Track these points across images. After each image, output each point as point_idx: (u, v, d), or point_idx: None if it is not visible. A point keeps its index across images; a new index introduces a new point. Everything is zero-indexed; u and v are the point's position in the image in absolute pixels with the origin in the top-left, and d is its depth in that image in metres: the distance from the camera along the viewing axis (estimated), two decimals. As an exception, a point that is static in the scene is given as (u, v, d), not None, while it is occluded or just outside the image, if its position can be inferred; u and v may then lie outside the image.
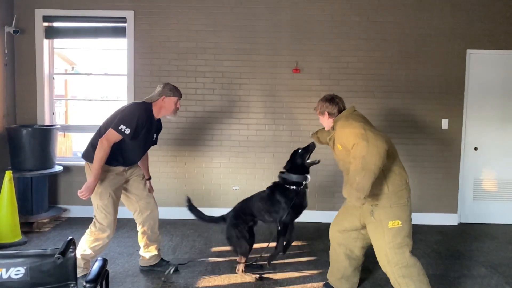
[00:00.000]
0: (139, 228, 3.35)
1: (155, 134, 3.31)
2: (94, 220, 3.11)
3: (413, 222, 2.78)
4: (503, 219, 4.91)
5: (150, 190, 3.45)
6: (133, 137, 3.01)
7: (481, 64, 4.82)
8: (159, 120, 3.30)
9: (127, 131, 2.95)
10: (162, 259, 3.46)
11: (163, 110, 3.18)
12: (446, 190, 4.90)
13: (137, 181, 3.30)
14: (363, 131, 2.60)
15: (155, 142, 3.37)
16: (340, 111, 2.89)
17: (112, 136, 2.95)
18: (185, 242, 4.11)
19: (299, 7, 4.75)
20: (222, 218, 3.50)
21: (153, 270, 3.40)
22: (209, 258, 3.68)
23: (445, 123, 4.83)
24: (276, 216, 3.26)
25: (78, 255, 3.11)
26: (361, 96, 4.80)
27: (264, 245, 3.46)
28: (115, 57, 5.55)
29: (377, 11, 4.76)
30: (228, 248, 3.91)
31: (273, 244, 3.33)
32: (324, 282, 3.20)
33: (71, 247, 1.80)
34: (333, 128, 2.88)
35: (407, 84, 4.78)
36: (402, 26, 4.77)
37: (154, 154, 4.84)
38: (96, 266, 1.86)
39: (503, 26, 4.76)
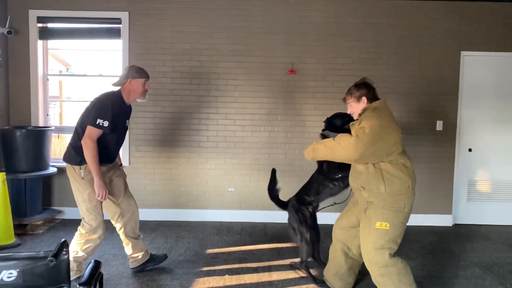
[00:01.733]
0: (121, 232, 3.31)
1: (127, 120, 3.29)
2: (82, 222, 3.07)
3: (408, 223, 2.78)
4: (497, 220, 4.93)
5: (124, 176, 3.44)
6: (112, 129, 2.99)
7: (475, 66, 4.85)
8: (130, 105, 3.27)
9: (106, 123, 2.92)
10: (151, 253, 3.46)
11: (132, 94, 3.15)
12: (440, 191, 4.92)
13: (118, 181, 3.28)
14: (376, 122, 2.60)
15: (127, 128, 3.35)
16: (375, 97, 2.81)
17: (93, 132, 2.92)
18: (180, 244, 4.10)
19: (294, 9, 4.76)
20: (283, 204, 3.42)
21: (145, 268, 3.40)
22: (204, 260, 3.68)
23: (439, 125, 4.86)
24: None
25: (70, 258, 3.09)
26: (356, 98, 4.80)
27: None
28: (110, 59, 5.53)
29: (372, 13, 4.77)
30: (223, 250, 3.93)
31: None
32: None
33: (64, 249, 1.79)
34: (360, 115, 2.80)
35: (402, 85, 4.80)
36: (396, 28, 4.79)
37: (148, 156, 4.85)
38: (89, 268, 1.85)
39: (496, 28, 4.79)
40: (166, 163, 4.85)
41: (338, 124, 3.17)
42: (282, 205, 3.42)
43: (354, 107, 2.84)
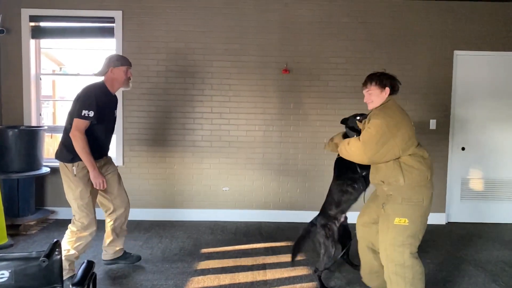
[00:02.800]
0: (109, 224, 3.34)
1: (115, 111, 3.30)
2: (73, 220, 3.08)
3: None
4: (490, 218, 4.97)
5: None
6: (99, 119, 2.99)
7: (468, 65, 4.88)
8: (115, 95, 3.28)
9: (91, 114, 2.92)
10: (125, 251, 3.47)
11: (116, 83, 3.15)
12: (434, 189, 4.92)
13: (112, 179, 3.29)
14: (383, 121, 2.56)
15: (115, 119, 3.35)
16: (396, 92, 2.75)
17: (80, 124, 2.92)
18: (174, 243, 4.08)
19: (288, 8, 4.76)
20: (312, 224, 3.23)
21: (116, 263, 3.43)
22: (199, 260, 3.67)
23: (433, 123, 4.88)
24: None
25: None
26: (350, 97, 4.82)
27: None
28: (104, 58, 5.48)
29: (365, 12, 4.79)
30: (217, 249, 3.93)
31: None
32: (314, 283, 3.21)
33: (57, 249, 1.78)
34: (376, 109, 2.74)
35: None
36: (390, 28, 4.81)
37: (142, 155, 4.83)
38: (82, 269, 1.84)
39: (489, 28, 4.82)
40: (160, 163, 4.84)
41: (350, 125, 3.12)
42: (308, 232, 3.23)
43: (374, 96, 2.72)
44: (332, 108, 4.85)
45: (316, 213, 4.19)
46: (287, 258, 3.73)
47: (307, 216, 4.83)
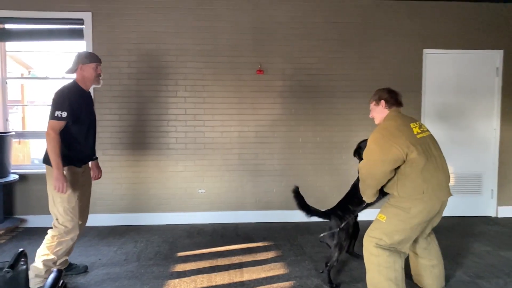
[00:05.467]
0: None
1: (92, 108, 3.27)
2: (55, 224, 3.04)
3: (365, 218, 2.83)
4: (457, 211, 5.08)
5: (98, 173, 3.44)
6: (75, 119, 2.96)
7: (437, 63, 5.01)
8: (89, 92, 3.24)
9: (64, 114, 2.89)
10: (70, 262, 3.39)
11: (87, 80, 3.12)
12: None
13: (87, 191, 3.29)
14: (379, 135, 2.71)
15: (95, 120, 3.30)
16: (398, 102, 2.89)
17: (54, 125, 2.89)
18: (149, 248, 4.02)
19: (260, 9, 4.77)
20: (325, 213, 3.30)
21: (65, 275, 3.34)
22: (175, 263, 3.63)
23: (404, 121, 4.97)
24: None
25: (39, 263, 3.02)
26: (323, 96, 4.87)
27: None
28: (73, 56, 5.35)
29: (336, 12, 4.85)
30: (194, 252, 3.89)
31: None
32: (291, 282, 3.23)
33: (22, 259, 1.72)
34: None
35: (367, 83, 4.88)
36: (361, 27, 4.88)
37: (115, 160, 4.73)
38: (51, 279, 1.78)
39: (456, 27, 4.96)
40: (134, 167, 4.76)
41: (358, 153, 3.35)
42: (323, 215, 3.29)
43: (374, 111, 2.95)
44: (306, 108, 4.89)
45: (293, 211, 4.22)
46: (264, 258, 3.73)
47: (284, 215, 4.89)
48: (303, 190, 3.32)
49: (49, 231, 3.05)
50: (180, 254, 3.86)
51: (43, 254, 2.99)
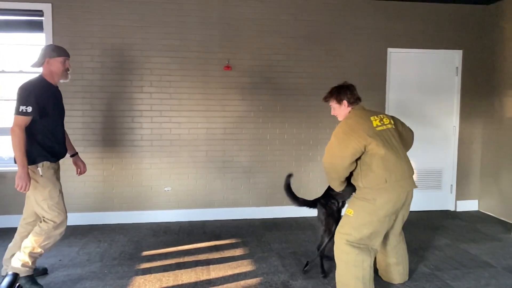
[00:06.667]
0: (23, 235, 3.11)
1: (61, 104, 3.18)
2: (43, 220, 2.96)
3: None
4: (420, 206, 5.26)
5: (83, 167, 3.43)
6: (42, 114, 2.88)
7: (400, 62, 5.15)
8: (57, 87, 3.14)
9: (29, 109, 2.80)
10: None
11: (55, 75, 3.03)
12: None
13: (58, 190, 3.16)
14: (340, 130, 2.80)
15: (63, 113, 3.22)
16: (358, 98, 3.01)
17: (19, 121, 2.80)
18: (114, 247, 3.92)
19: (229, 4, 4.73)
20: (312, 202, 3.38)
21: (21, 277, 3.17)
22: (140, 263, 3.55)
23: (369, 118, 5.08)
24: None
25: (24, 255, 2.94)
26: (291, 94, 4.90)
27: None
28: (33, 54, 5.13)
29: (304, 10, 4.88)
30: (159, 251, 3.82)
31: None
32: (258, 279, 3.23)
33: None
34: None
35: (334, 81, 4.85)
36: (328, 26, 4.93)
37: (78, 157, 4.56)
38: (5, 282, 1.70)
39: (419, 27, 5.11)
40: (97, 164, 4.61)
41: None
42: (311, 204, 3.40)
43: (336, 110, 3.04)
44: (274, 105, 4.90)
45: (261, 208, 4.26)
46: (231, 255, 3.72)
47: (252, 212, 4.89)
48: (271, 186, 3.33)
49: (38, 224, 2.98)
50: (145, 253, 3.78)
51: (29, 246, 2.92)
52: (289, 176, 3.46)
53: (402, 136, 3.02)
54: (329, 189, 3.35)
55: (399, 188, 2.76)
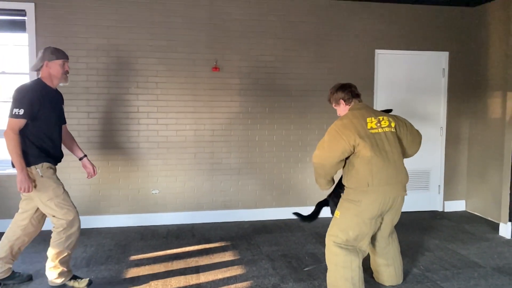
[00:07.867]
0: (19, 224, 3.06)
1: (61, 106, 3.13)
2: (54, 222, 2.92)
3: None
4: (407, 207, 5.25)
5: (93, 169, 3.35)
6: (36, 117, 2.83)
7: (388, 63, 5.17)
8: (57, 90, 3.09)
9: (21, 111, 2.77)
10: (13, 270, 3.18)
11: (54, 78, 2.98)
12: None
13: None
14: (333, 127, 2.81)
15: (62, 117, 3.16)
16: (355, 95, 3.03)
17: (12, 123, 2.77)
18: (100, 252, 3.83)
19: (216, 5, 4.69)
20: (323, 202, 3.42)
21: (4, 283, 3.11)
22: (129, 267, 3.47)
23: (358, 120, 5.09)
24: None
25: (55, 264, 2.94)
26: (280, 95, 4.88)
27: None
28: (15, 54, 5.03)
29: (292, 11, 4.86)
30: (147, 255, 3.75)
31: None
32: (249, 282, 3.19)
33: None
34: None
35: (322, 82, 4.95)
36: (316, 27, 4.93)
37: (63, 160, 4.43)
38: None
39: (406, 29, 5.14)
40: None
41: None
42: (323, 204, 3.44)
43: (338, 110, 3.09)
44: (262, 106, 4.87)
45: (250, 210, 4.24)
46: (221, 259, 3.67)
47: (242, 214, 4.84)
48: (260, 188, 3.29)
49: (53, 228, 2.95)
50: (133, 257, 3.71)
51: (57, 252, 2.92)
52: (295, 213, 3.53)
53: (403, 141, 2.97)
54: (338, 186, 3.34)
55: (382, 193, 2.75)
